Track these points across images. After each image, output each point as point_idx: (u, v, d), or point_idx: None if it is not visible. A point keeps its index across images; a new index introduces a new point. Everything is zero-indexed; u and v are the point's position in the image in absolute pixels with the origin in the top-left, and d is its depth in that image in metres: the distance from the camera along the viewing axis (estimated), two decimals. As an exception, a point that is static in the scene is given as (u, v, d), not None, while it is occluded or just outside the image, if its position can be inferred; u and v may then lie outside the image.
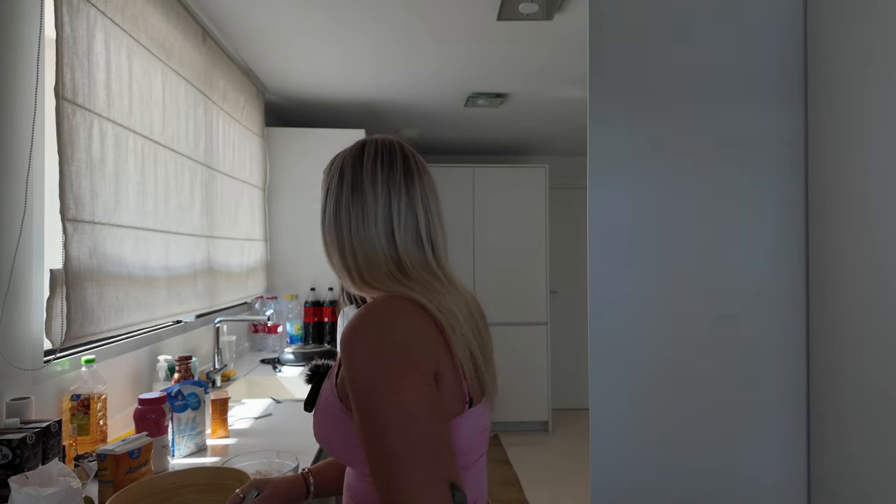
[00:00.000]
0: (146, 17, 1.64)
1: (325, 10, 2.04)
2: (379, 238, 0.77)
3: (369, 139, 0.84)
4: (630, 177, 1.33)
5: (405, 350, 0.68)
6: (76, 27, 1.28)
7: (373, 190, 0.78)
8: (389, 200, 0.78)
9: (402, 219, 0.79)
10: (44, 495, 0.86)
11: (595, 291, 1.34)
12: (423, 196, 0.81)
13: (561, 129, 3.90)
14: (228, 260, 2.38)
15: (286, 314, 2.98)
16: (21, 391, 1.18)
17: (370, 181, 0.79)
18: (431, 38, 2.31)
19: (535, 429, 4.28)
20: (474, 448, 0.77)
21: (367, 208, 0.78)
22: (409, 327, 0.69)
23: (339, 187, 0.80)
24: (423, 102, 3.23)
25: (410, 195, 0.80)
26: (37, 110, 1.21)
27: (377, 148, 0.81)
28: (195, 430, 1.41)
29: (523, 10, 2.01)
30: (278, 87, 2.94)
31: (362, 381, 0.66)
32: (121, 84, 1.48)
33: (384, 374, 0.66)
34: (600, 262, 1.34)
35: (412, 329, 0.70)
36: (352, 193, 0.79)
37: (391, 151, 0.81)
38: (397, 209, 0.78)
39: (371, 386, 0.66)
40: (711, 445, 1.32)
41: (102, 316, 1.35)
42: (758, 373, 1.32)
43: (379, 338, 0.68)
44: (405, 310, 0.71)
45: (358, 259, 0.78)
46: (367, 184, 0.78)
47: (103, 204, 1.38)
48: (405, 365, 0.67)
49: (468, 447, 0.75)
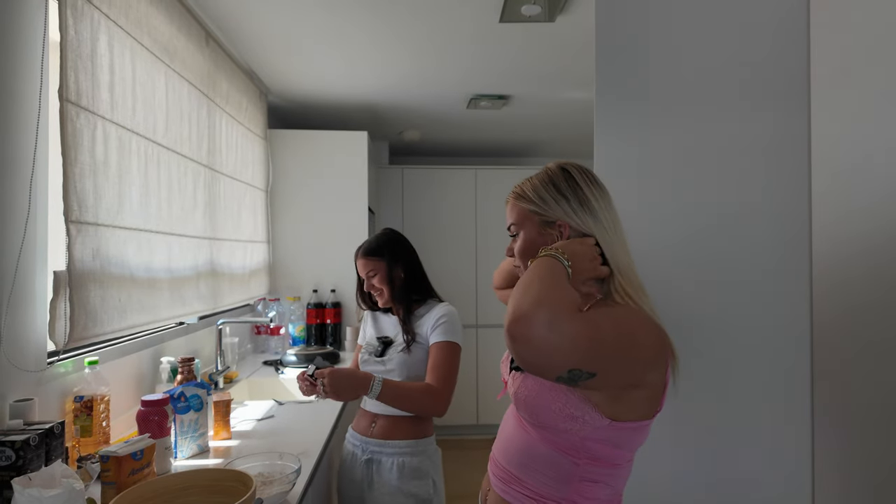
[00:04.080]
0: (149, 19, 1.64)
1: (327, 13, 2.05)
2: (618, 245, 0.90)
3: (565, 164, 0.96)
4: (634, 178, 1.33)
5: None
6: (80, 30, 1.29)
7: (598, 205, 0.91)
8: (611, 214, 0.92)
9: (618, 229, 0.92)
10: (47, 497, 0.86)
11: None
12: (614, 208, 0.95)
13: (563, 130, 3.90)
14: (231, 262, 2.39)
15: (289, 316, 2.98)
16: (24, 393, 1.18)
17: (594, 198, 0.91)
18: (434, 41, 2.31)
19: (537, 431, 4.27)
20: (638, 447, 0.90)
21: (601, 220, 0.90)
22: (664, 337, 0.83)
23: (569, 203, 0.91)
24: (425, 104, 3.23)
25: (613, 207, 0.94)
26: (41, 113, 1.21)
27: (580, 171, 0.94)
28: (198, 432, 1.41)
29: (526, 12, 2.01)
30: (281, 90, 2.94)
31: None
32: (124, 86, 1.49)
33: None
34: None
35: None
36: (582, 208, 0.90)
37: (592, 174, 0.95)
38: (617, 221, 0.93)
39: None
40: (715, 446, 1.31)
41: (105, 318, 1.36)
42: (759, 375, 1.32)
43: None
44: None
45: (611, 262, 0.89)
46: (593, 200, 0.91)
47: (107, 206, 1.38)
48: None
49: (639, 445, 0.89)
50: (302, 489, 1.20)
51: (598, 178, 0.95)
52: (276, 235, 3.09)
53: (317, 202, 3.12)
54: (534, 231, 0.94)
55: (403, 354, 1.53)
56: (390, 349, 1.58)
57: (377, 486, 1.51)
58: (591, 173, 0.95)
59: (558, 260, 0.82)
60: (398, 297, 1.59)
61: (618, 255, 0.89)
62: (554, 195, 0.92)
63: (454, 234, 4.17)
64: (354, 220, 3.13)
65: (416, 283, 1.62)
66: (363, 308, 1.73)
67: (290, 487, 1.15)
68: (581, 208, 0.90)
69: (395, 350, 1.57)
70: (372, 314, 1.73)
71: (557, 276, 0.79)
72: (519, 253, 0.96)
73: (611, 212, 0.92)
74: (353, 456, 1.58)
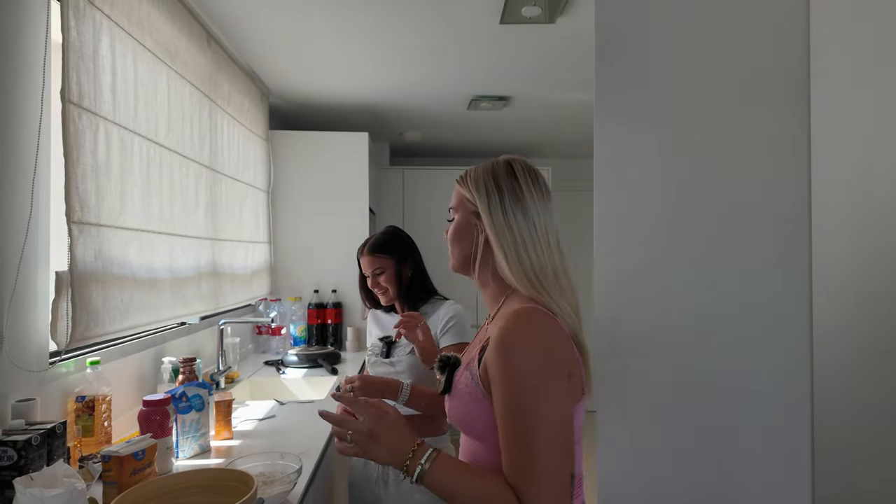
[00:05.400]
0: (151, 21, 1.65)
1: (328, 15, 2.05)
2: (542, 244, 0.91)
3: (512, 159, 0.97)
4: (634, 178, 1.34)
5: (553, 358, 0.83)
6: (82, 31, 1.29)
7: (532, 202, 0.92)
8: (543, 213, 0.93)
9: (551, 228, 0.93)
10: (48, 496, 0.86)
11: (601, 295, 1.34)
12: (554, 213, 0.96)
13: (563, 131, 3.90)
14: (232, 262, 2.39)
15: (290, 316, 2.98)
16: (26, 393, 1.18)
17: (529, 195, 0.92)
18: (434, 42, 2.31)
19: (538, 432, 4.27)
20: (580, 428, 0.92)
21: (530, 218, 0.91)
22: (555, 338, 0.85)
23: (501, 196, 0.92)
24: (426, 105, 3.24)
25: (549, 209, 0.95)
26: (43, 113, 1.22)
27: (524, 168, 0.96)
28: (199, 432, 1.41)
29: (526, 13, 2.01)
30: (282, 91, 2.95)
31: (517, 380, 0.80)
32: (126, 87, 1.49)
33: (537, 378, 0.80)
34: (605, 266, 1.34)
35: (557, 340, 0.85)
36: (515, 203, 0.91)
37: (535, 172, 0.97)
38: (547, 220, 0.93)
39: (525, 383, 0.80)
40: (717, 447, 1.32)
41: (107, 318, 1.36)
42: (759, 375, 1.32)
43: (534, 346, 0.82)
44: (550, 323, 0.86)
45: (532, 261, 0.90)
46: (528, 197, 0.92)
47: (108, 206, 1.39)
48: (553, 369, 0.82)
49: (579, 426, 0.91)
50: (303, 489, 1.20)
51: (543, 179, 0.97)
52: (277, 236, 3.10)
53: (318, 203, 3.12)
54: (465, 218, 0.97)
55: (412, 357, 1.52)
56: (396, 349, 1.58)
57: (393, 485, 1.51)
58: (536, 173, 0.97)
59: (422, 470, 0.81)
60: (404, 296, 1.58)
61: (539, 255, 0.91)
62: (489, 187, 0.93)
63: (455, 235, 4.16)
64: (355, 220, 3.14)
65: (422, 282, 1.62)
66: (368, 306, 1.73)
67: (291, 487, 1.15)
68: (514, 204, 0.91)
69: (402, 351, 1.56)
70: (374, 314, 1.73)
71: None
72: (449, 236, 0.99)
73: (545, 214, 0.93)
74: None
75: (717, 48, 1.33)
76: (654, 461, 1.31)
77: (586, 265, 4.83)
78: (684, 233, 1.33)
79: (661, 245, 1.33)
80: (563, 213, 4.80)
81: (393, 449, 0.82)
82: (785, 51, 1.32)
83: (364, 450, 0.82)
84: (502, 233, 0.91)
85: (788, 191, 1.32)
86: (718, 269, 1.32)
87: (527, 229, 0.91)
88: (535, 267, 0.90)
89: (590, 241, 1.36)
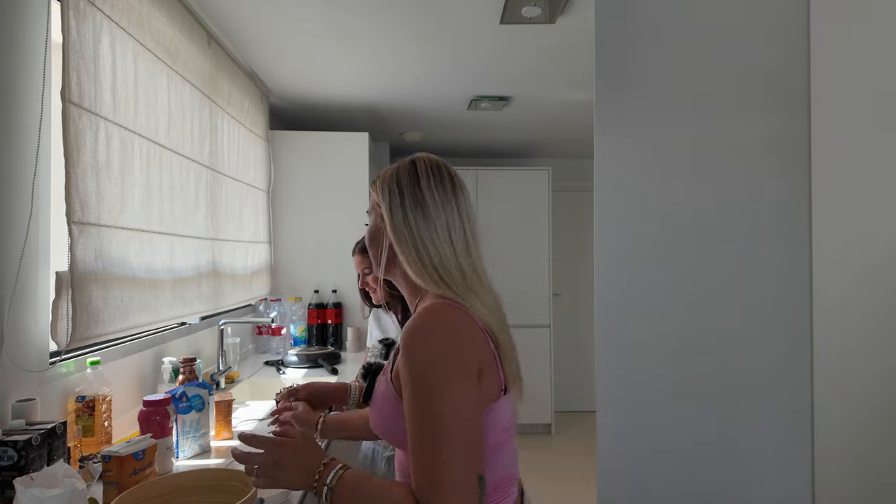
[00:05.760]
0: (151, 21, 1.65)
1: (329, 15, 2.05)
2: (444, 244, 0.90)
3: (417, 157, 0.97)
4: (635, 178, 1.34)
5: (458, 353, 0.81)
6: (82, 31, 1.29)
7: (433, 201, 0.91)
8: (446, 211, 0.91)
9: (456, 227, 0.92)
10: (49, 496, 0.87)
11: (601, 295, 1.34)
12: (466, 207, 0.95)
13: (564, 131, 3.90)
14: (233, 262, 2.39)
15: (290, 316, 2.98)
16: (26, 393, 1.18)
17: (430, 193, 0.91)
18: (435, 42, 2.31)
19: (538, 431, 4.27)
20: (508, 428, 0.90)
21: (430, 217, 0.90)
22: (462, 332, 0.83)
23: (402, 198, 0.92)
24: (426, 105, 3.24)
25: (458, 206, 0.93)
26: (43, 113, 1.22)
27: (427, 165, 0.95)
28: (199, 432, 1.41)
29: (526, 13, 2.01)
30: (282, 91, 2.95)
31: (420, 378, 0.79)
32: (126, 88, 1.49)
33: (439, 374, 0.78)
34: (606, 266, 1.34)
35: (464, 334, 0.83)
36: (414, 203, 0.91)
37: (439, 168, 0.95)
38: (452, 219, 0.92)
39: (428, 383, 0.78)
40: (718, 448, 1.31)
41: (108, 318, 1.36)
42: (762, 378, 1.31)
43: (438, 341, 0.81)
44: (459, 317, 0.84)
45: (434, 260, 0.89)
46: (428, 195, 0.91)
47: (109, 206, 1.39)
48: (458, 367, 0.80)
49: (504, 427, 0.88)
50: (303, 489, 1.20)
51: (447, 175, 0.95)
52: (277, 236, 3.10)
53: (318, 203, 3.12)
54: (375, 221, 0.98)
55: None
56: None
57: None
58: (439, 170, 0.95)
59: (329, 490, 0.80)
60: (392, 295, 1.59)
61: (441, 254, 0.89)
62: (392, 189, 0.93)
63: (455, 235, 4.17)
64: (355, 221, 3.14)
65: None
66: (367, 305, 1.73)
67: (291, 487, 1.15)
68: (414, 206, 0.91)
69: None
70: (376, 314, 1.73)
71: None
72: (366, 239, 1.00)
73: (448, 211, 0.92)
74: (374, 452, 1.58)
75: (717, 48, 1.33)
76: (654, 461, 1.31)
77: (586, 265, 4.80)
78: (684, 233, 1.33)
79: (660, 245, 1.33)
80: (563, 213, 4.81)
81: (299, 473, 0.81)
82: (785, 51, 1.32)
83: (273, 480, 0.82)
84: (401, 235, 0.90)
85: (789, 191, 1.32)
86: (718, 269, 1.32)
87: (426, 230, 0.89)
88: (438, 266, 0.89)
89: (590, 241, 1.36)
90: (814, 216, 1.30)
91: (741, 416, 1.31)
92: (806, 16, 1.31)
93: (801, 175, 1.32)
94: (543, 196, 4.23)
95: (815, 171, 1.30)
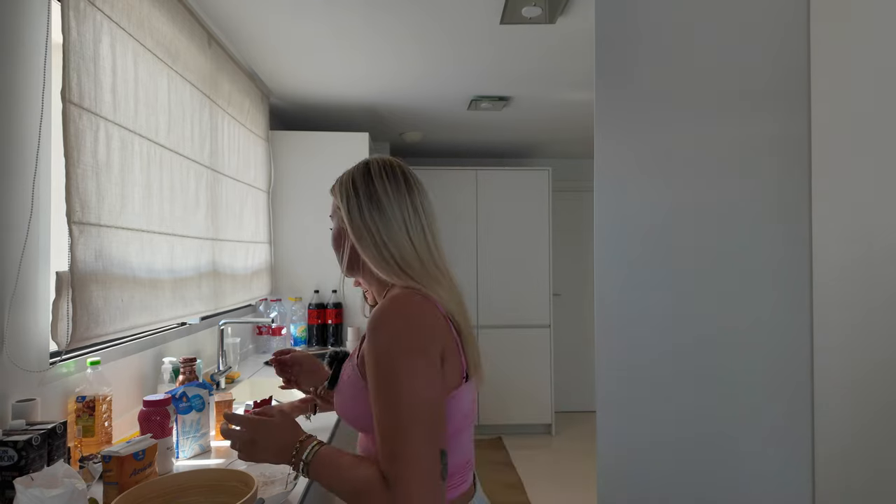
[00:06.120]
0: (152, 21, 1.65)
1: (329, 15, 2.05)
2: (402, 237, 0.94)
3: (371, 159, 1.01)
4: (635, 178, 1.34)
5: (421, 338, 0.84)
6: (83, 31, 1.29)
7: (387, 198, 0.95)
8: (401, 207, 0.95)
9: (411, 221, 0.95)
10: (49, 497, 0.87)
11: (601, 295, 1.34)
12: (422, 203, 0.99)
13: (564, 131, 3.90)
14: (233, 262, 2.39)
15: (290, 316, 2.98)
16: (27, 393, 1.18)
17: (383, 191, 0.95)
18: (435, 42, 2.31)
19: (538, 431, 4.27)
20: (469, 414, 0.94)
21: (386, 214, 0.94)
22: (425, 318, 0.87)
23: (358, 199, 0.95)
24: (426, 106, 3.24)
25: (413, 202, 0.97)
26: (43, 114, 1.22)
27: (380, 166, 0.99)
28: (199, 432, 1.41)
29: (526, 13, 2.01)
30: (283, 91, 2.95)
31: (384, 360, 0.82)
32: (126, 88, 1.49)
33: (403, 357, 0.82)
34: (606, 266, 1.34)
35: (427, 320, 0.87)
36: (370, 202, 0.95)
37: (392, 168, 0.99)
38: (408, 214, 0.95)
39: (391, 365, 0.82)
40: (718, 447, 1.31)
41: (108, 318, 1.36)
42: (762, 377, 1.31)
43: (401, 325, 0.84)
44: (422, 304, 0.88)
45: (394, 253, 0.93)
46: (382, 193, 0.95)
47: (109, 207, 1.39)
48: (420, 351, 0.83)
49: (464, 413, 0.93)
50: (303, 489, 1.20)
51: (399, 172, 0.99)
52: (277, 236, 3.10)
53: (318, 203, 3.12)
54: (338, 224, 1.02)
55: None
56: None
57: None
58: (391, 168, 0.99)
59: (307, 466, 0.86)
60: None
61: (400, 248, 0.93)
62: (348, 190, 0.97)
63: (455, 235, 4.17)
64: (356, 220, 3.14)
65: None
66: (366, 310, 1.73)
67: (291, 488, 1.15)
68: (369, 203, 0.95)
69: None
70: None
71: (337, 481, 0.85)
72: (332, 241, 1.04)
73: (402, 206, 0.95)
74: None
75: (717, 48, 1.33)
76: (655, 461, 1.31)
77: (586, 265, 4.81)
78: (684, 233, 1.33)
79: (660, 245, 1.33)
80: (564, 213, 4.81)
81: (277, 450, 0.88)
82: (785, 51, 1.32)
83: (250, 455, 0.88)
84: (360, 233, 0.94)
85: (789, 191, 1.32)
86: (718, 269, 1.32)
87: (383, 225, 0.93)
88: (398, 258, 0.93)
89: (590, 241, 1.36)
90: (814, 216, 1.30)
91: (741, 415, 1.32)
92: (806, 16, 1.31)
93: (801, 175, 1.32)
94: (543, 196, 4.23)
95: (815, 171, 1.30)
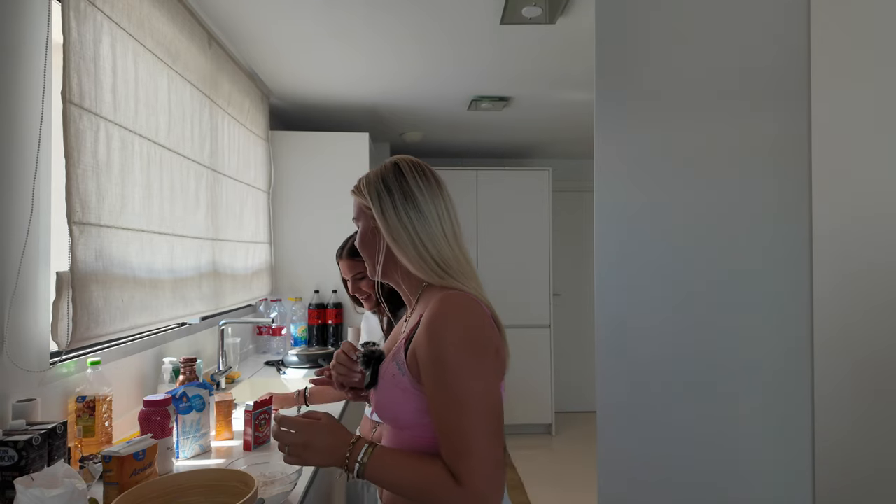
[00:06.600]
0: (152, 21, 1.65)
1: (329, 15, 2.05)
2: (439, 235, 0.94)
3: (398, 159, 1.00)
4: (635, 178, 1.34)
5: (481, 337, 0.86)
6: (83, 32, 1.29)
7: (422, 196, 0.95)
8: (436, 205, 0.96)
9: (445, 218, 0.96)
10: (49, 497, 0.87)
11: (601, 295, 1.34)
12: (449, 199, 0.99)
13: (564, 131, 3.90)
14: (233, 262, 2.39)
15: (290, 316, 2.98)
16: (27, 393, 1.18)
17: (418, 190, 0.95)
18: (435, 43, 2.31)
19: (538, 431, 4.27)
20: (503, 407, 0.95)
21: (423, 212, 0.94)
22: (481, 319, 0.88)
23: (392, 197, 0.94)
24: (426, 106, 3.24)
25: (444, 199, 0.98)
26: (44, 114, 1.22)
27: (411, 165, 0.98)
28: (199, 432, 1.41)
29: (526, 14, 2.01)
30: (282, 91, 2.95)
31: (450, 361, 0.83)
32: (127, 88, 1.49)
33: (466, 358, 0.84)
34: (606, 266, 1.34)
35: (483, 320, 0.88)
36: (405, 201, 0.94)
37: (421, 167, 0.99)
38: (441, 210, 0.96)
39: (457, 366, 0.83)
40: (718, 447, 1.32)
41: (108, 318, 1.36)
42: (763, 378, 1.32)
43: (461, 327, 0.85)
44: (474, 304, 0.89)
45: (432, 252, 0.93)
46: (417, 192, 0.95)
47: (109, 207, 1.39)
48: (482, 350, 0.86)
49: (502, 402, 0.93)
50: (303, 489, 1.20)
51: (428, 171, 1.00)
52: (277, 236, 3.10)
53: (318, 203, 3.12)
54: (366, 225, 1.00)
55: None
56: None
57: None
58: (421, 167, 0.99)
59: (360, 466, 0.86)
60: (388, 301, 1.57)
61: (438, 246, 0.94)
62: (380, 189, 0.96)
63: (455, 235, 4.17)
64: (356, 221, 3.14)
65: None
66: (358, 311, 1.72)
67: (291, 488, 1.15)
68: (405, 202, 0.94)
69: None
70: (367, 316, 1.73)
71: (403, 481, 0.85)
72: (358, 244, 1.03)
73: (437, 206, 0.96)
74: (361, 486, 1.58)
75: (717, 48, 1.33)
76: (655, 461, 1.31)
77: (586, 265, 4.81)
78: (684, 233, 1.33)
79: (660, 245, 1.33)
80: (563, 213, 4.81)
81: (329, 452, 0.87)
82: (785, 51, 1.32)
83: (301, 459, 0.87)
84: (398, 232, 0.93)
85: (789, 191, 1.32)
86: (718, 269, 1.32)
87: (421, 224, 0.93)
88: (437, 258, 0.93)
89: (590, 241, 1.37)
90: (814, 216, 1.30)
91: (742, 416, 1.32)
92: (806, 16, 1.31)
93: (801, 175, 1.32)
94: (543, 196, 4.23)
95: (815, 171, 1.30)
